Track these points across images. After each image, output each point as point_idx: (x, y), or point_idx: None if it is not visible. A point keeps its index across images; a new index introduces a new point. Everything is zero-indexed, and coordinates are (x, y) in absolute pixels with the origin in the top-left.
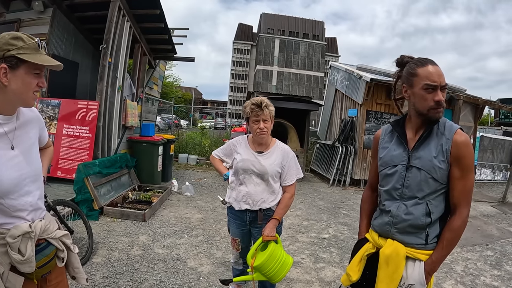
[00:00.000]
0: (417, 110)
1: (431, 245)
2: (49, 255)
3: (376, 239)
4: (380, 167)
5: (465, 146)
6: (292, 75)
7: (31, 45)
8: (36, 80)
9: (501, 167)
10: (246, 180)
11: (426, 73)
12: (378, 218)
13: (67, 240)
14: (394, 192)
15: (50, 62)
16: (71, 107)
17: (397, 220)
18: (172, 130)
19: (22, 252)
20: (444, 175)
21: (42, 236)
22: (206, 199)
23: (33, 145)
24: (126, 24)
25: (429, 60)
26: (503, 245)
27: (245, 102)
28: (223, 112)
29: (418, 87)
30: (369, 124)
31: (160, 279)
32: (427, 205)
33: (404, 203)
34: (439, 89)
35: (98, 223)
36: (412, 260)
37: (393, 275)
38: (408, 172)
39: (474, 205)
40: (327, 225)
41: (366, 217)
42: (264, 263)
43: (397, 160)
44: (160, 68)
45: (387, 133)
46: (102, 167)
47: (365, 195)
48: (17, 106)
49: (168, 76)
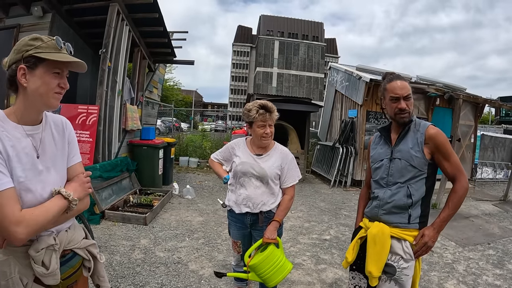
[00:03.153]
0: (389, 116)
1: (413, 224)
2: (75, 266)
3: (367, 223)
4: (371, 164)
5: (436, 135)
6: (292, 77)
7: (50, 44)
8: (56, 80)
9: (502, 166)
10: (245, 183)
11: (392, 87)
12: (369, 205)
13: (94, 250)
14: (381, 181)
15: (68, 59)
16: (71, 111)
17: (383, 203)
18: (172, 133)
19: (46, 265)
20: (421, 162)
21: (68, 247)
22: (207, 202)
23: (60, 155)
24: (125, 28)
25: (396, 76)
26: (505, 244)
27: (248, 105)
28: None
29: (388, 98)
30: (369, 124)
31: (161, 282)
32: (408, 188)
33: (389, 189)
34: (402, 99)
35: (100, 227)
36: (397, 239)
37: (380, 252)
38: (391, 163)
39: (476, 204)
40: (328, 226)
41: (361, 210)
42: (260, 264)
43: (383, 155)
44: (159, 72)
45: (377, 138)
46: (102, 171)
47: (363, 192)
48: (40, 110)
49: (168, 80)
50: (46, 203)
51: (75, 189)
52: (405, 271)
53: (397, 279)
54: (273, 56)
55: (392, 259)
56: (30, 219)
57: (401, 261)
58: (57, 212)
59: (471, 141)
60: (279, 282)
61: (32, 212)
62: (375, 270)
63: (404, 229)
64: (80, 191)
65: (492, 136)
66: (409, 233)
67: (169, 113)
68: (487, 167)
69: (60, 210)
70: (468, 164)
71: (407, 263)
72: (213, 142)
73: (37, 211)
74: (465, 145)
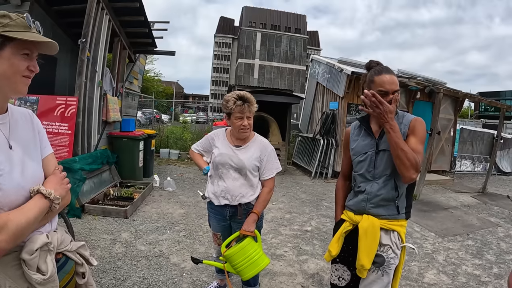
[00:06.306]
0: None
1: (402, 215)
2: (70, 271)
3: (352, 216)
4: (353, 156)
5: (418, 123)
6: (274, 69)
7: (19, 22)
8: (25, 63)
9: (480, 159)
10: (224, 174)
11: (381, 81)
12: (353, 199)
13: (85, 252)
14: (367, 174)
15: (40, 39)
16: (50, 103)
17: (371, 196)
18: (153, 125)
19: (42, 270)
20: None
21: (60, 249)
22: (188, 194)
23: (33, 145)
24: (105, 18)
25: (385, 69)
26: (484, 235)
27: (226, 96)
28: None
29: (375, 91)
30: (350, 117)
31: (143, 276)
32: (394, 181)
33: (376, 182)
34: (390, 94)
35: (80, 221)
36: (385, 231)
37: (371, 244)
38: (377, 156)
39: (455, 196)
40: (309, 217)
41: (341, 202)
42: (233, 255)
43: (367, 148)
44: (140, 62)
45: (356, 128)
46: (82, 164)
47: (339, 184)
48: (7, 96)
49: (149, 71)
50: (26, 204)
51: (55, 187)
52: (392, 261)
53: (385, 269)
54: (255, 47)
55: (381, 249)
56: (10, 224)
57: (389, 251)
58: (39, 213)
59: (451, 134)
60: (252, 275)
61: (11, 215)
62: (367, 262)
63: (393, 220)
64: (61, 188)
65: (471, 130)
66: (397, 223)
67: (150, 105)
68: (466, 160)
69: (42, 210)
70: (448, 157)
71: (395, 253)
72: (194, 133)
73: (17, 213)
74: (445, 138)
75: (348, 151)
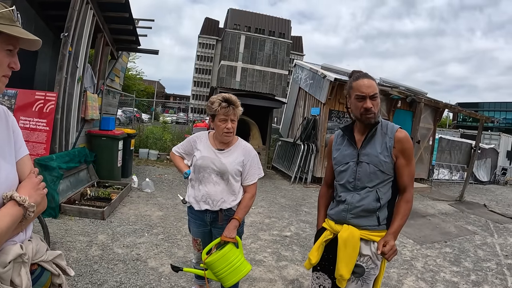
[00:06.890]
0: (354, 116)
1: (383, 226)
2: (46, 283)
3: (333, 225)
4: (335, 166)
5: (406, 141)
6: (256, 72)
7: (5, 14)
8: (7, 59)
9: (458, 168)
10: (205, 179)
11: (358, 86)
12: (335, 208)
13: (62, 262)
14: (348, 184)
15: (28, 36)
16: (28, 98)
17: (352, 207)
18: (133, 124)
19: (16, 284)
20: (389, 167)
21: (34, 259)
22: (167, 196)
23: (7, 146)
24: (89, 12)
25: (363, 75)
26: (461, 242)
27: (212, 97)
28: (185, 107)
29: (353, 97)
30: (331, 123)
31: (120, 280)
32: (376, 193)
33: (357, 193)
34: (368, 98)
35: (55, 222)
36: (365, 241)
37: (351, 254)
38: (358, 167)
39: (433, 203)
40: (289, 222)
41: (323, 210)
42: (215, 262)
43: (348, 158)
44: (122, 60)
45: (339, 137)
46: (60, 162)
47: (322, 192)
48: None
49: (131, 69)
50: None
51: (30, 193)
52: (372, 271)
53: (365, 279)
54: (238, 50)
55: (361, 260)
56: None
57: (369, 262)
58: (11, 222)
59: (430, 143)
60: (234, 282)
61: None
62: (346, 272)
63: (373, 231)
64: (36, 194)
65: (449, 139)
66: (377, 234)
67: (131, 103)
68: (443, 169)
69: (15, 219)
70: (426, 165)
71: (375, 264)
72: (174, 134)
73: None
74: (424, 147)
75: (331, 159)
